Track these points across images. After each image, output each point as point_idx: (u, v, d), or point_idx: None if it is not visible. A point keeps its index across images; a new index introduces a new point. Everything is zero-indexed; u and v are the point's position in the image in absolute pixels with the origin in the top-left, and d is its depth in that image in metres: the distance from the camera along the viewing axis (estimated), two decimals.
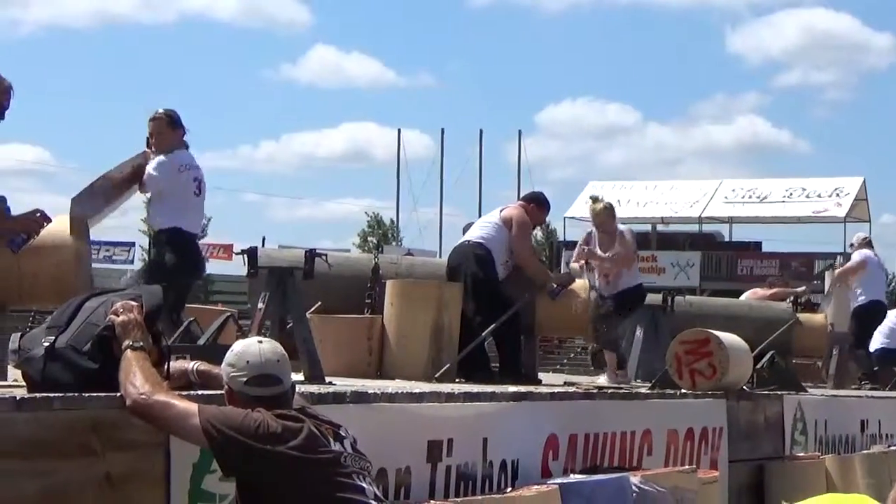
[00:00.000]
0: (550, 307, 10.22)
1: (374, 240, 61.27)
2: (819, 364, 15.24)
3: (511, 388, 7.82)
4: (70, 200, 6.85)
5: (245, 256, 8.58)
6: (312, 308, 9.06)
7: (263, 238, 45.68)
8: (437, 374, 8.93)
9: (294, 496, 4.51)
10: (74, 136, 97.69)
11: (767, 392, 10.86)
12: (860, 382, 15.01)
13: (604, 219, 11.26)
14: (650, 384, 9.86)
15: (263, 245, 11.39)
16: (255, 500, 4.57)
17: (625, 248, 11.13)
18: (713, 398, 9.40)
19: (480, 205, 54.24)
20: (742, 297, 15.25)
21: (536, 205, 10.41)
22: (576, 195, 47.56)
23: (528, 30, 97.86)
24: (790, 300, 13.98)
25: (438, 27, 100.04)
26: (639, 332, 11.36)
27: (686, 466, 8.48)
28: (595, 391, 8.83)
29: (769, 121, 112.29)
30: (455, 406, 6.65)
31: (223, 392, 4.76)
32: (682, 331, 9.75)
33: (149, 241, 17.65)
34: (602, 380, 11.13)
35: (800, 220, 48.17)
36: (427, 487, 6.23)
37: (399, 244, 54.94)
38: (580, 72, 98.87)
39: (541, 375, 10.90)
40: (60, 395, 4.60)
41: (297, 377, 6.61)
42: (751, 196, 47.53)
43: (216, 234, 53.51)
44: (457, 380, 9.12)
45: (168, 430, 4.70)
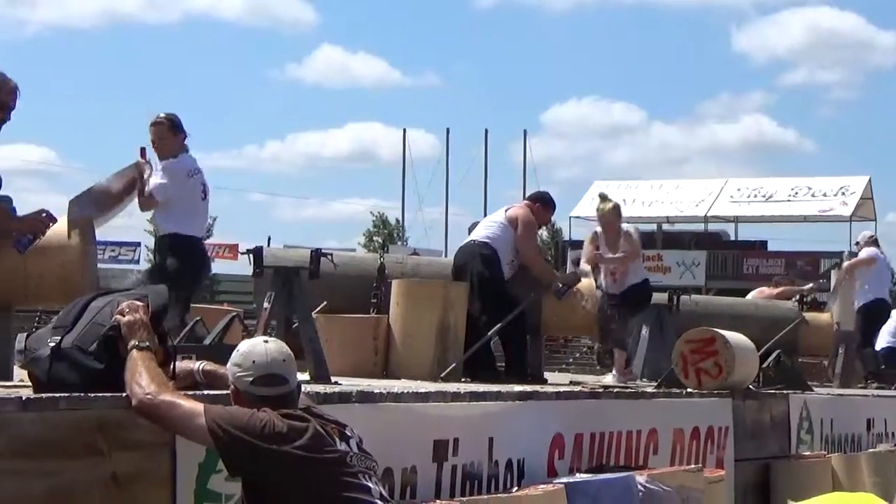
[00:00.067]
0: (556, 307, 10.22)
1: (380, 239, 61.22)
2: (825, 363, 15.26)
3: (517, 388, 7.82)
4: (68, 202, 6.82)
5: (251, 256, 8.57)
6: (318, 308, 9.06)
7: (269, 238, 45.86)
8: (443, 374, 8.94)
9: (300, 496, 4.51)
10: (80, 137, 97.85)
11: (773, 391, 10.86)
12: (866, 381, 14.99)
13: (610, 218, 11.26)
14: (656, 383, 9.86)
15: (269, 245, 11.40)
16: (261, 500, 4.56)
17: (631, 247, 11.15)
18: (719, 397, 9.40)
19: (486, 204, 54.31)
20: (748, 297, 15.25)
21: (542, 204, 10.40)
22: (581, 194, 47.62)
23: (534, 29, 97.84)
24: (796, 299, 13.98)
25: (444, 27, 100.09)
26: (644, 332, 11.38)
27: (692, 466, 8.48)
28: (601, 390, 8.83)
29: (775, 120, 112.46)
30: (461, 405, 6.65)
31: (229, 392, 4.76)
32: (688, 330, 9.75)
33: (154, 245, 17.55)
34: (608, 379, 11.12)
35: (805, 219, 48.12)
36: (433, 487, 6.23)
37: (405, 244, 54.93)
38: (585, 71, 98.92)
39: (546, 375, 10.90)
40: (66, 396, 4.60)
41: (303, 377, 6.63)
42: (756, 195, 47.48)
43: (222, 234, 53.54)
44: (462, 379, 9.11)
45: (174, 430, 4.71)
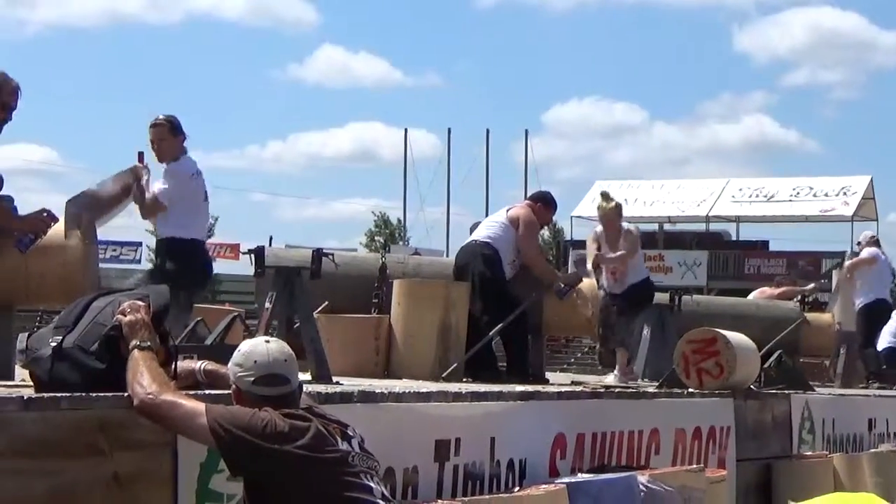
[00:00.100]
0: (558, 307, 10.22)
1: (381, 239, 61.17)
2: (826, 363, 15.24)
3: (518, 388, 7.82)
4: (65, 204, 6.80)
5: (252, 256, 8.56)
6: (319, 308, 9.06)
7: (270, 238, 45.55)
8: (445, 374, 8.94)
9: (301, 495, 4.51)
10: (81, 136, 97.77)
11: (775, 391, 10.86)
12: (868, 381, 14.99)
13: (612, 217, 11.27)
14: (657, 383, 9.86)
15: (270, 245, 11.34)
16: (263, 500, 4.56)
17: (631, 245, 11.16)
18: (720, 397, 9.40)
19: (487, 204, 54.32)
20: (750, 297, 15.25)
21: (543, 204, 10.40)
22: (583, 194, 47.54)
23: (535, 29, 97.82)
24: (797, 299, 13.98)
25: (445, 27, 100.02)
26: (646, 332, 11.38)
27: (694, 465, 8.48)
28: (602, 390, 8.83)
29: (776, 120, 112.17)
30: (462, 405, 6.65)
31: (230, 392, 4.76)
32: (690, 330, 9.75)
33: (155, 247, 17.49)
34: (610, 379, 11.13)
35: (807, 219, 48.11)
36: (434, 487, 6.23)
37: (406, 244, 54.89)
38: (587, 71, 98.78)
39: (548, 375, 10.90)
40: (68, 395, 4.61)
41: (305, 377, 6.63)
42: (758, 195, 47.48)
43: (223, 234, 53.52)
44: (464, 379, 9.11)
45: (175, 430, 4.70)
